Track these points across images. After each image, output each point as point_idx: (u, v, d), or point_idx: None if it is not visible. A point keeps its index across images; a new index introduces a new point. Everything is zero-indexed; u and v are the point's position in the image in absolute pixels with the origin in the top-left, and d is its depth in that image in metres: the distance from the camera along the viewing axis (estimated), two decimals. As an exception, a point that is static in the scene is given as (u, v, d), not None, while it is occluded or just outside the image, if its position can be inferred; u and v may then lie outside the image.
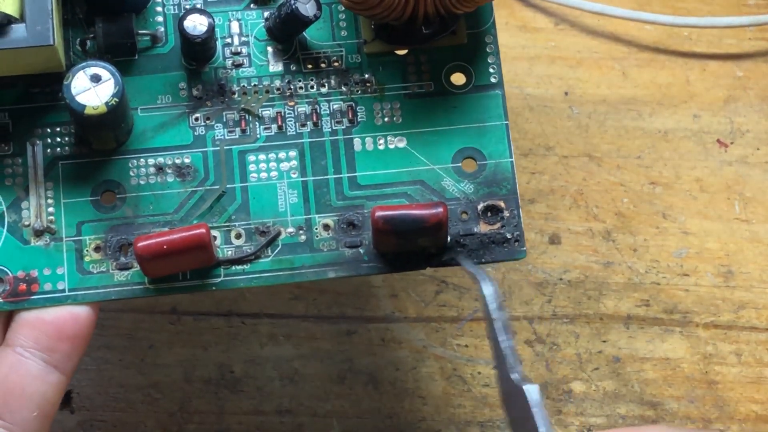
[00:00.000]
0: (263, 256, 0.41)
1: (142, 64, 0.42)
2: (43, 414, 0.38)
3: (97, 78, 0.39)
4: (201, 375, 0.49)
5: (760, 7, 0.56)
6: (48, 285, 0.40)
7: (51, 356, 0.39)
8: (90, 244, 0.40)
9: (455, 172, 0.42)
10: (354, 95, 0.42)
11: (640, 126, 0.53)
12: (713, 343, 0.50)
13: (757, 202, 0.52)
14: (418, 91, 0.42)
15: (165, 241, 0.38)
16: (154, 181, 0.41)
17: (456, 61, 0.43)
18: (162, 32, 0.42)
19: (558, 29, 0.55)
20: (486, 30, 0.43)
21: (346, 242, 0.41)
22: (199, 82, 0.42)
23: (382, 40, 0.42)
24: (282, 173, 0.41)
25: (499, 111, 0.42)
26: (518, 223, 0.41)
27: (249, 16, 0.43)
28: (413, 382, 0.49)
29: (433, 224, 0.39)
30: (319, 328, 0.50)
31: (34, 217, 0.40)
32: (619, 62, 0.54)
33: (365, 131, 0.42)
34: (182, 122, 0.42)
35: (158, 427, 0.48)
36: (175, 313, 0.50)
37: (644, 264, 0.51)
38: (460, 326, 0.50)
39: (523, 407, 0.36)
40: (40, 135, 0.41)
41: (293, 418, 0.48)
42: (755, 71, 0.54)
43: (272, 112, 0.42)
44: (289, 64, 0.42)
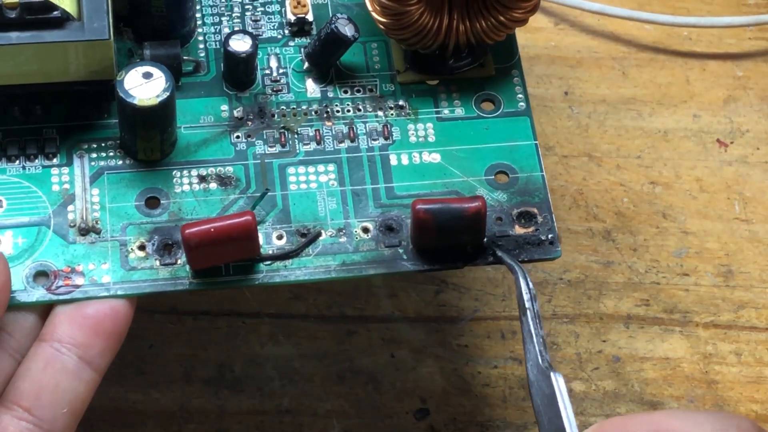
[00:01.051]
0: (304, 254, 0.41)
1: (185, 89, 0.43)
2: (72, 411, 0.39)
3: (148, 75, 0.40)
4: (201, 375, 0.49)
5: (760, 7, 0.56)
6: (93, 278, 0.40)
7: (86, 353, 0.39)
8: (134, 243, 0.41)
9: (488, 183, 0.43)
10: (389, 118, 0.44)
11: (639, 126, 0.53)
12: (713, 343, 0.50)
13: (757, 202, 0.52)
14: (450, 114, 0.44)
15: (212, 227, 0.39)
16: (198, 188, 0.42)
17: (484, 91, 0.45)
18: (204, 63, 0.44)
19: (558, 29, 0.55)
20: (512, 65, 0.45)
21: (385, 243, 0.42)
22: (240, 105, 0.43)
23: (414, 71, 0.44)
24: (321, 183, 0.42)
25: (528, 133, 0.44)
26: (552, 227, 0.42)
27: (287, 51, 0.45)
28: (413, 382, 0.49)
29: (473, 214, 0.40)
30: (319, 327, 0.50)
31: (80, 218, 0.41)
32: (619, 62, 0.54)
33: (400, 148, 0.43)
34: (224, 139, 0.43)
35: (158, 427, 0.48)
36: (175, 312, 0.50)
37: (644, 264, 0.51)
38: (459, 326, 0.50)
39: (549, 395, 0.37)
40: (86, 148, 0.42)
41: (293, 418, 0.48)
42: (755, 71, 0.55)
43: (311, 130, 0.43)
44: (326, 91, 0.44)
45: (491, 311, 0.50)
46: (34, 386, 0.38)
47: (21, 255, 0.40)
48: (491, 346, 0.50)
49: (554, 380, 0.37)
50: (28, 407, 0.38)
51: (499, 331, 0.50)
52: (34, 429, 0.38)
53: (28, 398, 0.38)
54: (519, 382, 0.49)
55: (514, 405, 0.49)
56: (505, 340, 0.50)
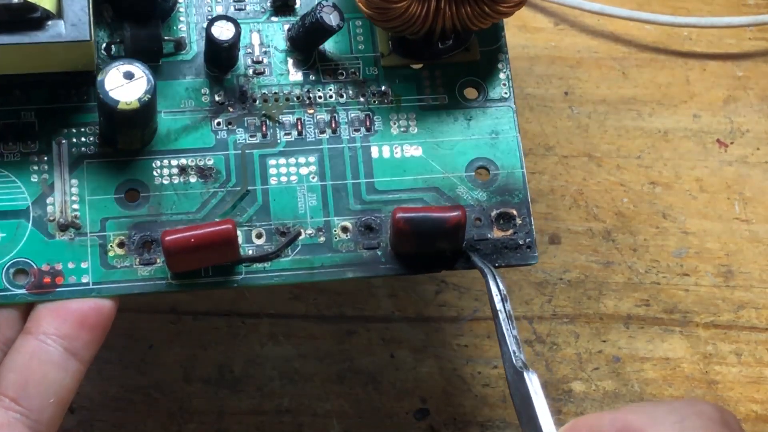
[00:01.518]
0: (283, 255, 0.41)
1: (166, 70, 0.43)
2: (59, 401, 0.39)
3: (129, 75, 0.39)
4: (201, 375, 0.49)
5: (760, 7, 0.56)
6: (72, 278, 0.40)
7: (72, 344, 0.39)
8: (114, 240, 0.41)
9: (468, 180, 0.43)
10: (371, 105, 0.43)
11: (639, 126, 0.53)
12: (713, 343, 0.50)
13: (757, 202, 0.52)
14: (433, 103, 0.43)
15: (193, 235, 0.39)
16: (177, 181, 0.42)
17: (469, 77, 0.44)
18: (185, 40, 0.43)
19: (558, 29, 0.55)
20: (498, 48, 0.44)
21: (363, 244, 0.41)
22: (221, 88, 0.43)
23: (399, 54, 0.44)
24: (301, 177, 0.42)
25: (510, 124, 0.43)
26: (530, 230, 0.42)
27: (270, 27, 0.44)
28: (413, 382, 0.49)
29: (453, 226, 0.40)
30: (319, 327, 0.50)
31: (59, 212, 0.41)
32: (619, 62, 0.54)
33: (382, 140, 0.43)
34: (205, 126, 0.42)
35: (158, 427, 0.48)
36: (174, 312, 0.50)
37: (644, 264, 0.51)
38: (459, 326, 0.50)
39: (524, 394, 0.38)
40: (65, 134, 0.41)
41: (293, 418, 0.48)
42: (755, 71, 0.54)
43: (292, 118, 0.43)
44: (308, 74, 0.43)
45: (491, 311, 0.50)
46: (20, 377, 0.38)
47: (1, 252, 0.40)
48: (491, 346, 0.50)
49: (527, 379, 0.38)
50: (15, 397, 0.38)
51: (499, 331, 0.50)
52: (21, 419, 0.38)
53: (15, 389, 0.38)
54: (519, 382, 0.49)
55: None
56: (505, 340, 0.50)
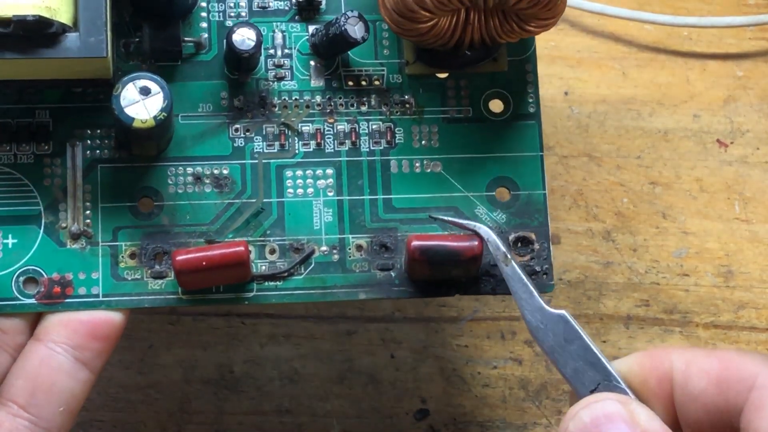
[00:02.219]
0: (296, 273, 0.41)
1: (185, 71, 0.42)
2: (68, 410, 0.39)
3: (146, 91, 0.39)
4: (200, 375, 0.49)
5: (760, 7, 0.56)
6: (82, 289, 0.40)
7: (82, 354, 0.39)
8: (125, 251, 0.40)
9: (488, 200, 0.42)
10: (393, 116, 0.42)
11: (639, 126, 0.53)
12: (713, 343, 0.50)
13: (757, 202, 0.52)
14: (457, 116, 0.43)
15: (204, 257, 0.39)
16: (192, 190, 0.41)
17: (495, 88, 0.43)
18: (206, 39, 0.42)
19: (558, 29, 0.55)
20: (526, 58, 0.43)
21: (378, 264, 0.41)
22: (241, 92, 0.42)
23: (424, 63, 0.43)
24: (318, 191, 0.42)
25: (534, 142, 0.43)
26: (548, 257, 0.42)
27: (293, 28, 0.43)
28: (413, 382, 0.49)
29: (469, 258, 0.40)
30: (318, 328, 0.50)
31: (71, 219, 0.40)
32: (619, 62, 0.54)
33: (402, 153, 0.42)
34: (222, 133, 0.42)
35: (158, 427, 0.48)
36: (174, 313, 0.49)
37: (644, 264, 0.51)
38: (459, 326, 0.50)
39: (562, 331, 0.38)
40: (80, 136, 0.41)
41: (293, 418, 0.48)
42: (755, 71, 0.54)
43: (311, 128, 0.42)
44: (330, 80, 0.43)
45: (491, 311, 0.50)
46: (29, 384, 0.38)
47: (12, 258, 0.40)
48: (491, 347, 0.50)
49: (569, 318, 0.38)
50: (24, 404, 0.38)
51: (498, 331, 0.50)
52: (29, 426, 0.38)
53: (23, 396, 0.38)
54: (519, 382, 0.49)
55: (514, 405, 0.49)
56: (505, 340, 0.50)
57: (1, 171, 0.40)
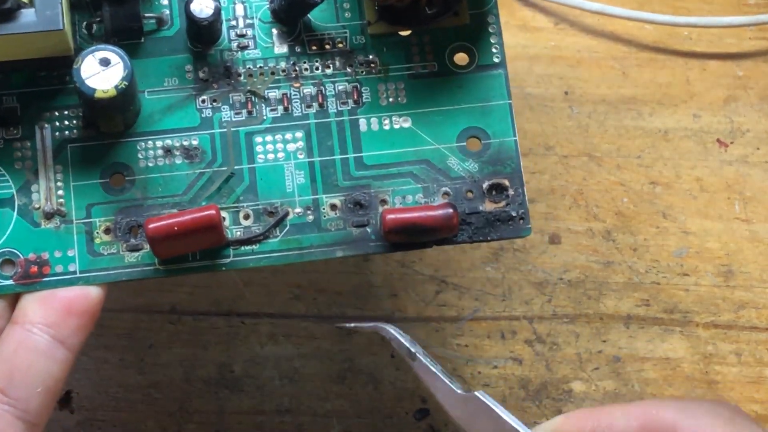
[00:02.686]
0: (272, 236, 0.41)
1: (149, 47, 0.42)
2: (47, 390, 0.38)
3: (106, 62, 0.39)
4: (201, 374, 0.49)
5: (760, 7, 0.56)
6: (59, 267, 0.40)
7: (59, 332, 0.39)
8: (100, 226, 0.40)
9: (460, 151, 0.42)
10: (359, 76, 0.42)
11: (640, 125, 0.53)
12: (713, 343, 0.50)
13: (757, 202, 0.52)
14: (422, 71, 0.43)
15: (175, 223, 0.39)
16: (163, 163, 0.41)
17: (459, 41, 0.43)
18: (167, 15, 0.42)
19: (558, 29, 0.55)
20: (488, 10, 0.43)
21: (353, 222, 0.41)
22: (205, 64, 0.42)
23: (386, 22, 0.43)
24: (289, 154, 0.42)
25: (502, 90, 0.43)
26: (523, 201, 0.42)
27: None
28: (413, 382, 0.49)
29: (444, 228, 0.40)
30: (319, 327, 0.50)
31: (44, 199, 0.40)
32: (619, 62, 0.54)
33: (370, 112, 0.42)
34: (189, 104, 0.42)
35: (158, 427, 0.48)
36: (174, 312, 0.49)
37: (644, 264, 0.51)
38: (459, 326, 0.50)
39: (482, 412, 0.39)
40: (48, 118, 0.41)
41: (293, 418, 0.48)
42: (755, 71, 0.54)
43: (278, 93, 0.42)
44: (293, 46, 0.43)
45: (491, 311, 0.50)
46: (6, 368, 0.38)
47: None
48: (491, 346, 0.50)
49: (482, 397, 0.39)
50: (2, 388, 0.38)
51: (499, 331, 0.50)
52: (8, 410, 0.38)
53: (1, 380, 0.38)
54: (519, 382, 0.49)
55: (514, 405, 0.49)
56: (505, 340, 0.50)
57: None
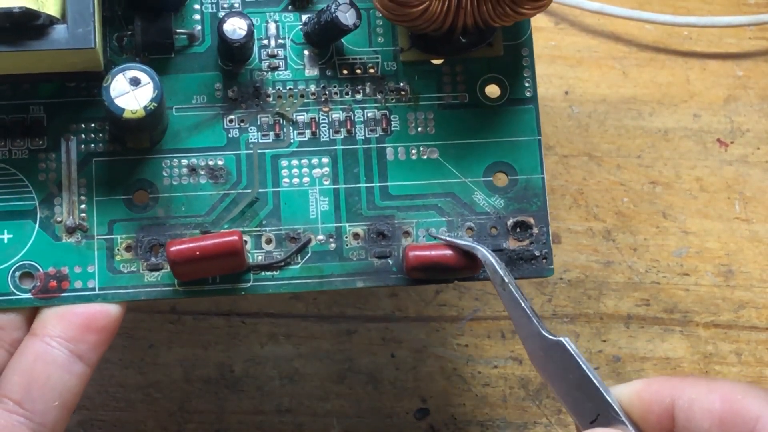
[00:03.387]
0: (293, 262, 0.41)
1: (179, 63, 0.42)
2: (63, 404, 0.38)
3: (136, 81, 0.39)
4: (201, 374, 0.49)
5: (760, 7, 0.56)
6: (78, 283, 0.40)
7: (77, 347, 0.39)
8: (121, 243, 0.40)
9: (486, 186, 0.42)
10: (389, 103, 0.42)
11: (640, 125, 0.53)
12: (713, 343, 0.50)
13: (757, 202, 0.52)
14: (453, 102, 0.42)
15: (198, 247, 0.39)
16: (187, 182, 0.41)
17: (491, 73, 0.43)
18: (199, 31, 0.42)
19: (558, 28, 0.55)
20: (523, 42, 0.43)
21: (375, 252, 0.41)
22: (235, 83, 0.42)
23: (419, 49, 0.42)
24: (314, 179, 0.41)
25: (532, 125, 0.42)
26: (547, 241, 0.41)
27: (287, 18, 0.43)
28: (413, 382, 0.49)
29: (466, 269, 0.40)
30: (319, 327, 0.50)
31: (66, 213, 0.40)
32: (619, 61, 0.54)
33: (398, 140, 0.42)
34: (216, 124, 0.42)
35: (158, 427, 0.48)
36: (174, 312, 0.49)
37: (644, 263, 0.51)
38: (460, 326, 0.50)
39: (560, 359, 0.37)
40: (74, 131, 0.41)
41: (293, 418, 0.48)
42: (755, 70, 0.54)
43: (306, 117, 0.42)
44: (324, 69, 0.42)
45: (491, 311, 0.50)
46: (24, 379, 0.38)
47: (7, 253, 0.40)
48: (491, 346, 0.50)
49: (567, 345, 0.37)
50: (19, 400, 0.38)
51: (499, 330, 0.50)
52: (24, 422, 0.38)
53: (18, 391, 0.38)
54: (519, 381, 0.49)
55: (514, 404, 0.49)
56: (506, 339, 0.50)
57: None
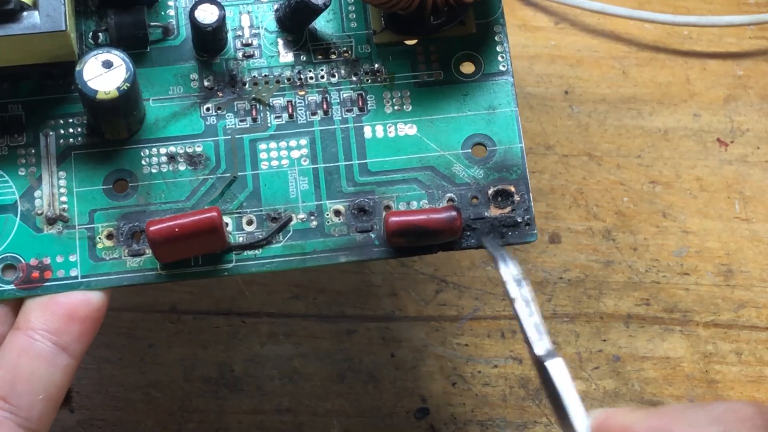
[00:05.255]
0: (275, 241, 0.41)
1: (154, 56, 0.42)
2: (49, 397, 0.38)
3: (108, 64, 0.39)
4: (201, 374, 0.49)
5: (760, 6, 0.56)
6: (61, 272, 0.40)
7: (61, 338, 0.39)
8: (102, 232, 0.40)
9: (465, 158, 0.42)
10: (364, 84, 0.42)
11: (640, 125, 0.53)
12: (713, 342, 0.50)
13: (757, 201, 0.52)
14: (428, 79, 0.42)
15: (176, 225, 0.39)
16: (166, 169, 0.41)
17: (465, 50, 0.43)
18: (173, 25, 0.42)
19: (558, 28, 0.55)
20: (495, 20, 0.43)
21: (357, 227, 0.41)
22: (211, 73, 0.42)
23: (392, 31, 0.43)
24: (293, 161, 0.41)
25: (508, 98, 0.42)
26: (529, 207, 0.41)
27: (259, 8, 0.43)
28: (413, 382, 0.49)
29: (447, 231, 0.40)
30: (319, 327, 0.50)
31: (47, 205, 0.40)
32: (619, 61, 0.54)
33: (375, 119, 0.42)
34: (194, 112, 0.42)
35: (158, 426, 0.48)
36: (174, 312, 0.50)
37: (644, 263, 0.51)
38: (460, 325, 0.50)
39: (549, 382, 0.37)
40: (53, 126, 0.41)
41: (293, 417, 0.48)
42: (755, 70, 0.54)
43: (283, 101, 0.42)
44: (299, 54, 0.43)
45: (491, 310, 0.50)
46: (8, 375, 0.38)
47: None
48: (491, 346, 0.50)
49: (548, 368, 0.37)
50: (4, 395, 0.38)
51: (499, 330, 0.50)
52: (10, 417, 0.38)
53: (3, 387, 0.38)
54: (519, 381, 0.49)
55: (514, 404, 0.49)
56: (505, 339, 0.50)
57: None
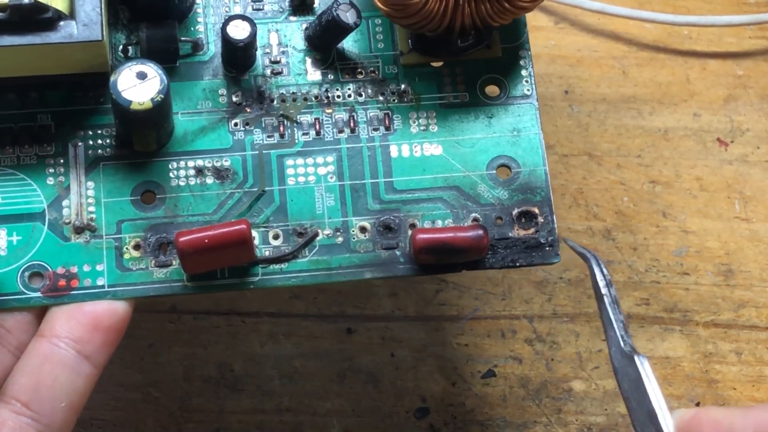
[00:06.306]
0: (300, 256, 0.41)
1: (183, 71, 0.43)
2: (70, 405, 0.38)
3: (142, 75, 0.39)
4: (201, 374, 0.49)
5: (760, 6, 0.56)
6: (87, 281, 0.40)
7: (84, 347, 0.39)
8: (129, 242, 0.40)
9: (490, 179, 0.42)
10: (390, 104, 0.43)
11: (640, 125, 0.53)
12: (713, 342, 0.50)
13: (757, 201, 0.52)
14: (454, 101, 0.43)
15: (206, 236, 0.39)
16: (194, 182, 0.41)
17: (490, 74, 0.43)
18: (203, 41, 0.43)
19: (558, 28, 0.55)
20: (520, 45, 0.44)
21: (382, 244, 0.41)
22: (239, 89, 0.43)
23: (418, 52, 0.43)
24: (319, 177, 0.42)
25: (533, 122, 0.43)
26: (552, 229, 0.42)
27: (288, 27, 0.43)
28: (413, 381, 0.49)
29: (473, 250, 0.40)
30: (319, 326, 0.50)
31: (75, 214, 0.41)
32: (619, 61, 0.54)
33: (401, 138, 0.43)
34: (222, 127, 0.42)
35: (158, 426, 0.48)
36: (174, 311, 0.50)
37: (644, 263, 0.51)
38: (460, 325, 0.50)
39: (634, 379, 0.37)
40: (82, 137, 0.41)
41: (293, 417, 0.48)
42: (755, 70, 0.54)
43: (310, 118, 0.43)
44: (327, 73, 0.43)
45: (491, 310, 0.50)
46: (32, 381, 0.38)
47: (16, 254, 0.40)
48: (491, 345, 0.50)
49: (639, 363, 0.37)
50: (26, 402, 0.38)
51: (499, 330, 0.50)
52: (32, 423, 0.38)
53: (26, 393, 0.38)
54: (519, 381, 0.49)
55: (514, 404, 0.49)
56: (505, 339, 0.50)
57: (5, 173, 0.41)
